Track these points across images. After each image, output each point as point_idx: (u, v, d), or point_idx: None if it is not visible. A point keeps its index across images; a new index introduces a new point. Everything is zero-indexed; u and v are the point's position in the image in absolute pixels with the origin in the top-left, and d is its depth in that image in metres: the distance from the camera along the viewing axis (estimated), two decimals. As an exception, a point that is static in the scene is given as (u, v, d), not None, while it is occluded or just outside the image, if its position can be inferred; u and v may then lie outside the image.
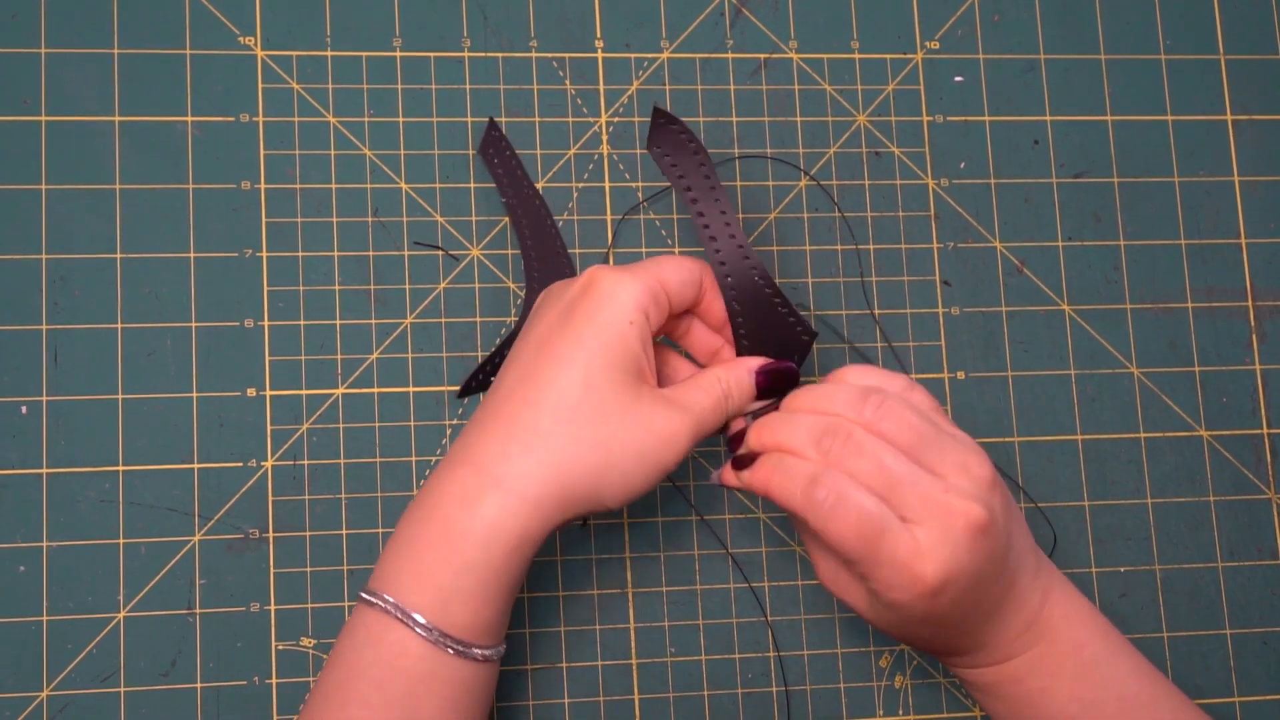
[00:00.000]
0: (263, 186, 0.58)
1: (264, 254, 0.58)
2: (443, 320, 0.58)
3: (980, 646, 0.50)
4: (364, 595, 0.47)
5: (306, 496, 0.56)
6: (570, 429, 0.47)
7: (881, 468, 0.47)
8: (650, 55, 0.62)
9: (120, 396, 0.56)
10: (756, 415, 0.52)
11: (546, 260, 0.58)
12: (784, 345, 0.53)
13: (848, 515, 0.46)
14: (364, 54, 0.60)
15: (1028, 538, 0.51)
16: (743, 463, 0.50)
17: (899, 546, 0.46)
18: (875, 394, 0.48)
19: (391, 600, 0.46)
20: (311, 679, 0.55)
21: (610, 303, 0.48)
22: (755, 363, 0.52)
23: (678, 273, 0.51)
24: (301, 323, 0.58)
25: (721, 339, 0.53)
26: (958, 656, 0.52)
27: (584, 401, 0.47)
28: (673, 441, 0.49)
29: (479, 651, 0.47)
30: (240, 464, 0.56)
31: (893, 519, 0.46)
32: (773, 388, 0.52)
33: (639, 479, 0.48)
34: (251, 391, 0.57)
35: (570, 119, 0.61)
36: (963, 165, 0.63)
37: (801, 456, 0.48)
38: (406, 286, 0.58)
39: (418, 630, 0.46)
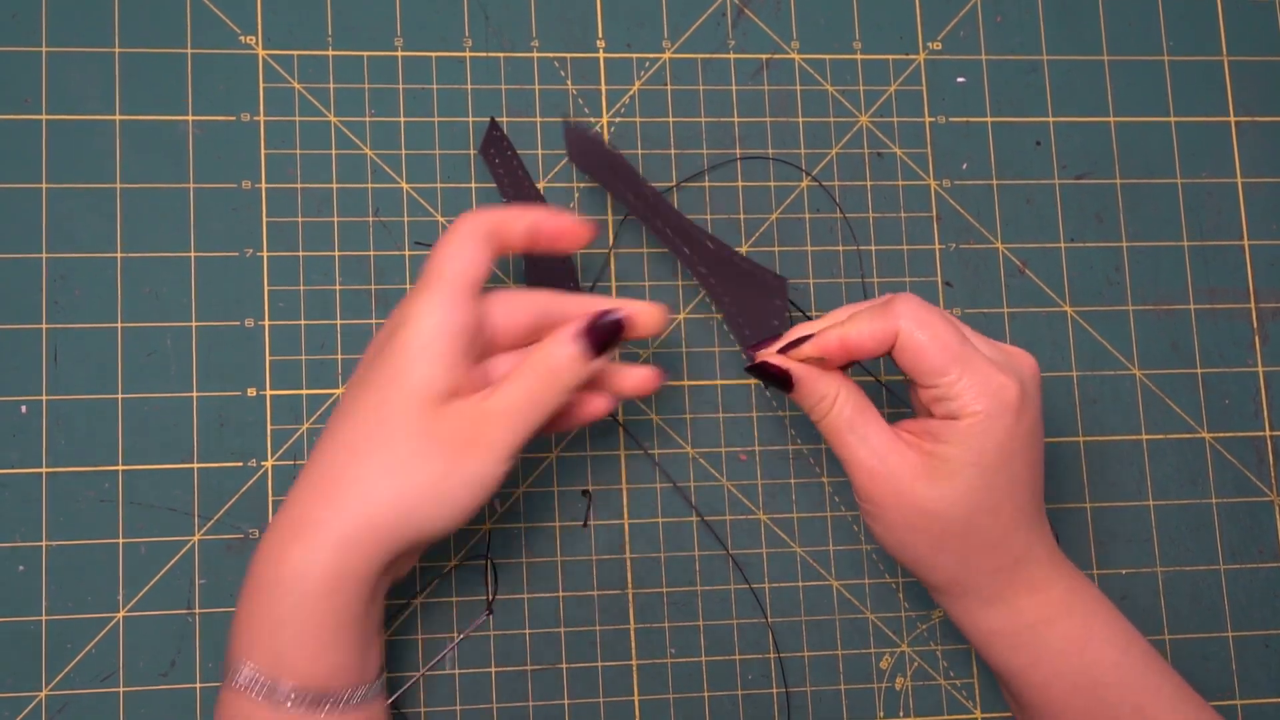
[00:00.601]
0: (263, 186, 0.58)
1: (265, 253, 0.58)
2: (443, 320, 0.58)
3: (1018, 558, 0.50)
4: (222, 692, 0.47)
5: (306, 496, 0.56)
6: (367, 467, 0.46)
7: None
8: (652, 55, 0.62)
9: (120, 396, 0.56)
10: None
11: (546, 261, 0.58)
12: (764, 304, 0.54)
13: (931, 316, 0.48)
14: (365, 54, 0.60)
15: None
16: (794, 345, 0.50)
17: (978, 356, 0.48)
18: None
19: (247, 675, 0.45)
20: (311, 679, 0.55)
21: (400, 330, 0.47)
22: (571, 330, 0.48)
23: (494, 231, 0.49)
24: (302, 322, 0.58)
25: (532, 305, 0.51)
26: (995, 582, 0.50)
27: (377, 438, 0.46)
28: (476, 483, 0.47)
29: (335, 698, 0.46)
30: (240, 464, 0.56)
31: (967, 338, 0.49)
32: (605, 343, 0.49)
33: (449, 518, 0.47)
34: (252, 391, 0.57)
35: (572, 119, 0.61)
36: (965, 166, 0.63)
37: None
38: (407, 286, 0.58)
39: (265, 696, 0.45)
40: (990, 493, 0.48)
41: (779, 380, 0.50)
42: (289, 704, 0.45)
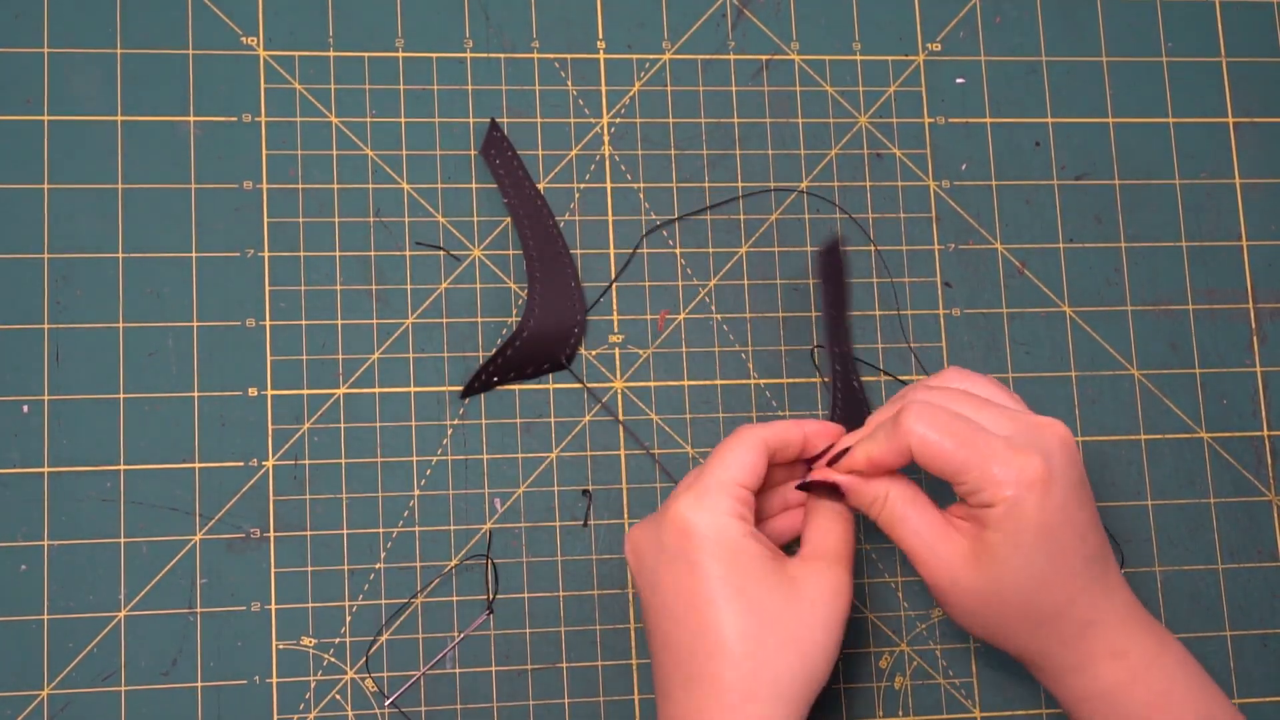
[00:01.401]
0: (265, 186, 0.58)
1: (266, 254, 0.58)
2: (444, 320, 0.58)
3: (1087, 623, 0.50)
4: None
5: (307, 496, 0.56)
6: (763, 654, 0.48)
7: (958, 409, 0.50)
8: (652, 56, 0.62)
9: (122, 396, 0.56)
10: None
11: (548, 261, 0.58)
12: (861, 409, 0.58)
13: (939, 420, 0.48)
14: (366, 54, 0.60)
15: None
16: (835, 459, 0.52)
17: (996, 442, 0.48)
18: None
19: None
20: (311, 678, 0.55)
21: (717, 536, 0.49)
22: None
23: (785, 443, 0.52)
24: (303, 322, 0.58)
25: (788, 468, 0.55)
26: (1072, 651, 0.50)
27: (760, 623, 0.49)
28: (840, 592, 0.51)
29: None
30: (241, 463, 0.56)
31: (982, 426, 0.49)
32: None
33: (836, 639, 0.50)
34: (253, 391, 0.57)
35: (572, 120, 0.61)
36: (964, 167, 0.63)
37: None
38: (408, 286, 0.59)
39: None
40: (1036, 570, 0.49)
41: (832, 493, 0.52)
42: None
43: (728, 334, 0.60)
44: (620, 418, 0.59)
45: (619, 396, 0.59)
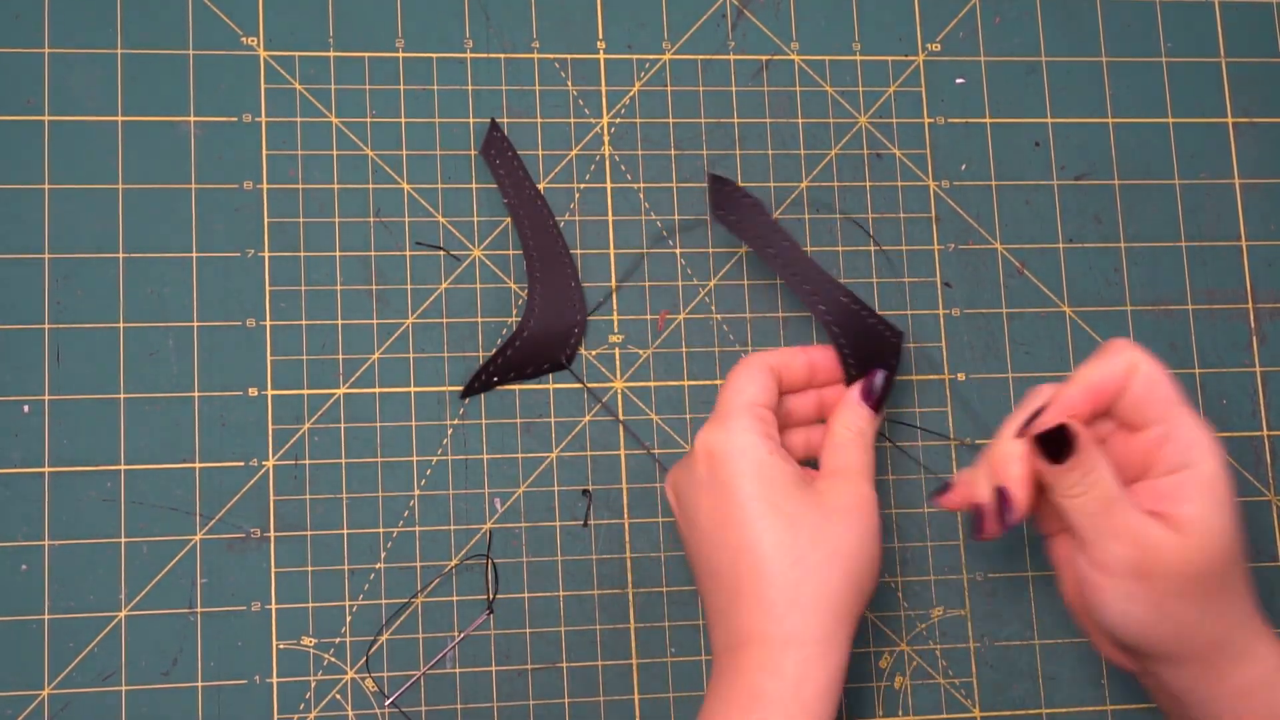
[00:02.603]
0: (265, 186, 0.58)
1: (266, 254, 0.58)
2: (444, 320, 0.59)
3: (1252, 606, 0.49)
4: None
5: (308, 496, 0.56)
6: (804, 565, 0.49)
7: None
8: (652, 56, 0.62)
9: (122, 396, 0.56)
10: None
11: (548, 261, 0.58)
12: (878, 349, 0.56)
13: (1096, 468, 0.48)
14: (366, 54, 0.60)
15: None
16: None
17: (1154, 488, 0.49)
18: None
19: None
20: (311, 678, 0.55)
21: (743, 455, 0.50)
22: (855, 393, 0.55)
23: (788, 367, 0.54)
24: (303, 322, 0.58)
25: (809, 395, 0.56)
26: (1243, 633, 0.49)
27: (796, 535, 0.49)
28: (867, 503, 0.51)
29: None
30: (242, 463, 0.56)
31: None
32: (880, 399, 0.55)
33: (873, 550, 0.51)
34: (253, 391, 0.57)
35: (572, 120, 0.61)
36: (964, 167, 0.63)
37: None
38: (408, 287, 0.59)
39: None
40: (1234, 538, 0.49)
41: (1056, 445, 0.48)
42: None
43: (728, 334, 0.60)
44: (620, 418, 0.59)
45: (619, 396, 0.59)
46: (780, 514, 0.49)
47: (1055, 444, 0.48)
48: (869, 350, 0.55)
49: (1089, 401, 0.50)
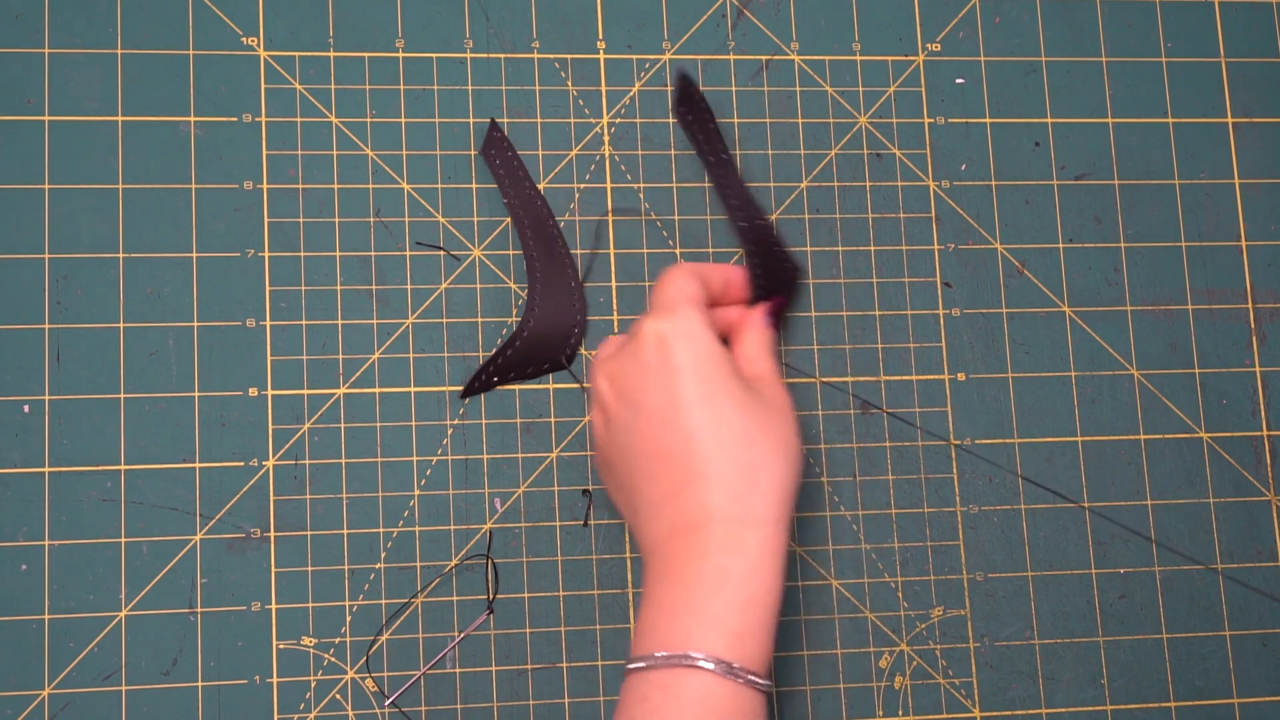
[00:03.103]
0: (265, 186, 0.58)
1: (266, 254, 0.58)
2: (444, 320, 0.59)
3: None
4: (651, 659, 0.48)
5: (308, 496, 0.57)
6: (757, 448, 0.50)
7: None
8: (652, 56, 0.62)
9: (122, 396, 0.56)
10: None
11: (548, 261, 0.58)
12: (780, 276, 0.59)
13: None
14: (366, 55, 0.60)
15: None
16: None
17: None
18: None
19: (701, 655, 0.47)
20: (311, 678, 0.55)
21: (695, 340, 0.51)
22: (761, 313, 0.57)
23: (710, 279, 0.56)
24: (303, 322, 0.58)
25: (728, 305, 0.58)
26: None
27: (749, 420, 0.50)
28: (790, 403, 0.53)
29: (764, 683, 0.48)
30: (242, 463, 0.56)
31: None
32: (779, 322, 0.59)
33: (802, 446, 0.52)
34: (253, 391, 0.57)
35: (572, 120, 0.61)
36: (964, 167, 0.63)
37: None
38: (408, 286, 0.59)
39: (724, 673, 0.47)
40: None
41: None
42: (751, 686, 0.48)
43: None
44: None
45: (619, 396, 0.59)
46: (733, 399, 0.50)
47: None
48: (773, 275, 0.59)
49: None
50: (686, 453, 0.50)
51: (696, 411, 0.50)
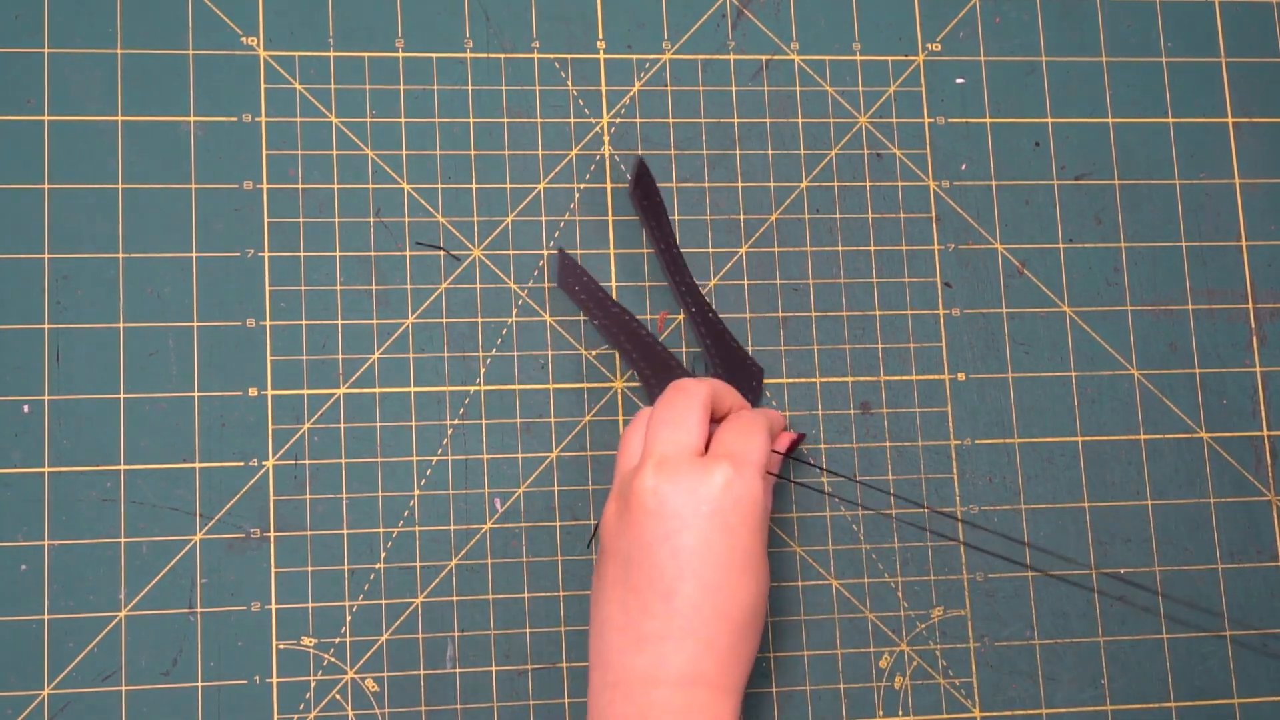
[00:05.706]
0: (265, 186, 0.58)
1: (266, 254, 0.58)
2: (444, 320, 0.59)
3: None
4: None
5: (308, 496, 0.57)
6: (755, 625, 0.51)
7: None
8: (652, 56, 0.62)
9: (122, 396, 0.56)
10: None
11: (657, 366, 0.58)
12: (743, 374, 0.59)
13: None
14: (366, 54, 0.60)
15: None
16: None
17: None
18: None
19: None
20: (311, 678, 0.55)
21: (758, 506, 0.51)
22: (783, 438, 0.58)
23: (720, 405, 0.55)
24: (303, 322, 0.58)
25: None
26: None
27: (762, 598, 0.51)
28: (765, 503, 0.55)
29: None
30: (242, 463, 0.56)
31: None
32: (788, 454, 0.58)
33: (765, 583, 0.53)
34: (253, 391, 0.57)
35: (572, 120, 0.61)
36: (964, 167, 0.63)
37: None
38: (408, 287, 0.59)
39: None
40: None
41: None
42: None
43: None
44: (621, 418, 0.59)
45: (619, 396, 0.59)
46: (762, 555, 0.51)
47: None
48: (736, 371, 0.59)
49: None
50: (727, 618, 0.50)
51: (755, 580, 0.50)
